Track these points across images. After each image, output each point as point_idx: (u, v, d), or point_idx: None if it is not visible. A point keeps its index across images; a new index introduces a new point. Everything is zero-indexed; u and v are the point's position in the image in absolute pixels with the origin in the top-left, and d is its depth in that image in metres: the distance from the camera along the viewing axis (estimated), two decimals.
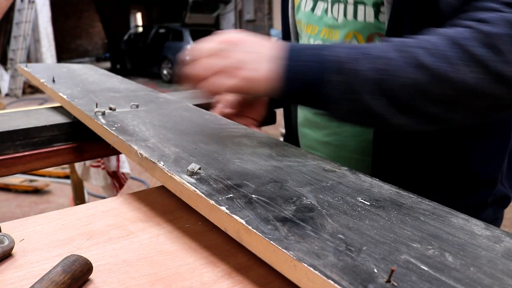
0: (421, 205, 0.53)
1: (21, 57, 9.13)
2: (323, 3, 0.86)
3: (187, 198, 0.59)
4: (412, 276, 0.39)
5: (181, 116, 0.92)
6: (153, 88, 1.30)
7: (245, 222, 0.48)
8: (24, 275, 0.51)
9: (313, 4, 0.89)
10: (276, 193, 0.55)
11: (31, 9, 9.24)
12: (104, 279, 0.50)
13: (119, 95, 1.11)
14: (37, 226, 0.62)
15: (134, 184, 3.76)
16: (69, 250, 0.56)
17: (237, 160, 0.66)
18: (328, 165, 0.66)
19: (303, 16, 0.92)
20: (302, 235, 0.45)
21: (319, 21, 0.87)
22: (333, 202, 0.53)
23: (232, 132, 0.81)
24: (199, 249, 0.57)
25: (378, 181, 0.60)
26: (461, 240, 0.45)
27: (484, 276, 0.39)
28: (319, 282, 0.39)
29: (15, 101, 8.51)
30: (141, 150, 0.69)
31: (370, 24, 0.78)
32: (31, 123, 1.06)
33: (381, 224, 0.48)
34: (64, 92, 1.11)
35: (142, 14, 18.81)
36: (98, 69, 1.62)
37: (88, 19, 18.74)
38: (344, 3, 0.80)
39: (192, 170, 0.60)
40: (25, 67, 1.51)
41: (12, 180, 3.74)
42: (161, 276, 0.51)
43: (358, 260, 0.41)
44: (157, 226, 0.63)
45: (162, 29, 11.79)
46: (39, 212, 3.24)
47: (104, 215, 0.66)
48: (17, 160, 1.00)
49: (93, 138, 1.00)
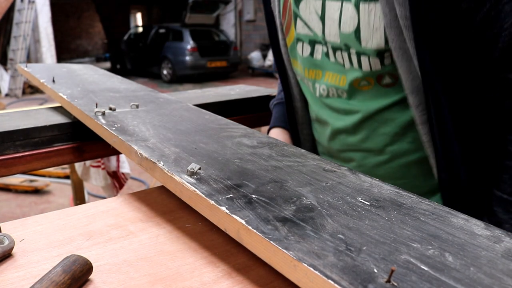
0: (421, 205, 0.53)
1: (21, 57, 9.13)
2: (321, 46, 0.84)
3: (187, 198, 0.59)
4: (412, 276, 0.39)
5: (181, 116, 0.92)
6: (153, 88, 1.30)
7: (245, 222, 0.48)
8: (24, 275, 0.51)
9: (311, 49, 0.86)
10: (276, 193, 0.55)
11: (31, 9, 9.24)
12: (104, 279, 0.50)
13: (119, 95, 1.11)
14: (37, 226, 0.62)
15: (134, 184, 3.76)
16: (69, 250, 0.56)
17: (237, 160, 0.66)
18: (328, 165, 0.66)
19: (302, 61, 0.90)
20: (302, 235, 0.45)
21: (322, 65, 0.85)
22: (333, 202, 0.53)
23: (232, 132, 0.81)
24: (199, 249, 0.57)
25: (378, 181, 0.60)
26: (461, 240, 0.45)
27: (484, 276, 0.39)
28: (319, 282, 0.39)
29: (15, 101, 8.51)
30: (141, 150, 0.69)
31: (378, 70, 0.77)
32: (31, 123, 1.06)
33: (381, 224, 0.48)
34: (64, 92, 1.11)
35: (142, 14, 18.81)
36: (98, 69, 1.62)
37: (88, 19, 18.74)
38: (347, 51, 0.78)
39: (192, 170, 0.60)
40: (25, 67, 1.51)
41: (12, 180, 3.74)
42: (161, 276, 0.51)
43: (358, 260, 0.41)
44: (157, 226, 0.63)
45: (162, 29, 11.79)
46: (39, 212, 3.24)
47: (104, 215, 0.66)
48: (17, 160, 1.00)
49: (93, 138, 1.01)
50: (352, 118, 0.84)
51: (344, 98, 0.84)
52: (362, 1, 0.71)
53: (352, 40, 0.75)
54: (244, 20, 12.89)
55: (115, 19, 14.10)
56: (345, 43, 0.77)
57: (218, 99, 1.37)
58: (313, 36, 0.84)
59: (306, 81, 0.92)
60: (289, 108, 1.02)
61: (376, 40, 0.73)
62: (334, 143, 0.91)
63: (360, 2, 0.71)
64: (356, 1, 0.72)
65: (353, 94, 0.83)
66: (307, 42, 0.87)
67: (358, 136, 0.85)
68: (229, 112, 1.34)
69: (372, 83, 0.79)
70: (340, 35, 0.77)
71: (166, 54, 10.83)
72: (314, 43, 0.85)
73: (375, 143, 0.84)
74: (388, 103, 0.80)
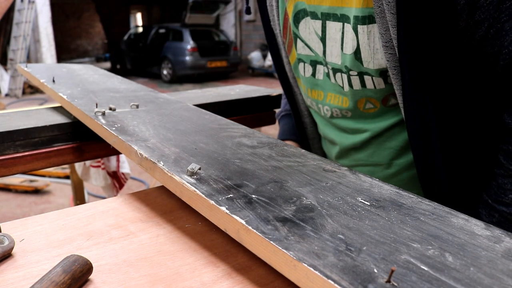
0: (421, 205, 0.53)
1: (21, 57, 9.13)
2: (322, 67, 0.83)
3: (187, 198, 0.59)
4: (412, 276, 0.39)
5: (181, 116, 0.92)
6: (153, 88, 1.30)
7: (245, 222, 0.48)
8: (24, 275, 0.51)
9: (313, 70, 0.86)
10: (276, 193, 0.55)
11: (31, 9, 9.24)
12: (104, 279, 0.50)
13: (119, 95, 1.11)
14: (37, 226, 0.62)
15: (134, 184, 3.76)
16: (69, 250, 0.56)
17: (237, 160, 0.66)
18: (328, 165, 0.66)
19: (305, 81, 0.89)
20: (302, 235, 0.45)
21: (323, 86, 0.85)
22: (333, 202, 0.53)
23: (232, 132, 0.81)
24: (199, 249, 0.57)
25: (378, 181, 0.60)
26: (461, 240, 0.45)
27: (484, 276, 0.39)
28: (319, 282, 0.39)
29: (15, 101, 8.51)
30: (141, 150, 0.69)
31: (382, 89, 0.76)
32: (31, 123, 1.06)
33: (381, 224, 0.48)
34: (64, 92, 1.11)
35: (142, 14, 18.81)
36: (98, 69, 1.62)
37: (88, 19, 18.74)
38: (346, 73, 0.78)
39: (192, 170, 0.60)
40: (25, 67, 1.51)
41: (12, 180, 3.74)
42: (161, 276, 0.51)
43: (358, 260, 0.41)
44: (157, 226, 0.63)
45: (162, 29, 11.79)
46: (39, 212, 3.24)
47: (104, 215, 0.66)
48: (17, 160, 1.00)
49: (93, 138, 1.01)
50: (360, 136, 0.84)
51: (349, 117, 0.84)
52: (359, 24, 0.71)
53: (353, 61, 0.75)
54: (244, 20, 12.89)
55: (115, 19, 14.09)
56: (346, 65, 0.76)
57: (218, 99, 1.37)
58: (314, 57, 0.84)
59: (310, 100, 0.91)
60: (298, 123, 1.01)
61: (377, 61, 0.73)
62: (342, 160, 0.91)
63: (358, 25, 0.71)
64: (353, 25, 0.72)
65: (359, 115, 0.83)
66: (308, 62, 0.86)
67: (366, 152, 0.86)
68: (229, 112, 1.34)
69: (378, 105, 0.79)
70: (342, 56, 0.76)
71: (166, 54, 10.83)
72: (315, 64, 0.85)
73: (381, 157, 0.84)
74: (395, 121, 0.80)
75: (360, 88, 0.78)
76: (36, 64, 1.68)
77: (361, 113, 0.82)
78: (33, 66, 1.57)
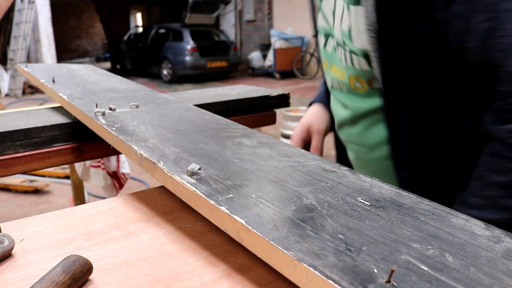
0: (421, 205, 0.53)
1: (21, 57, 9.13)
2: (333, 40, 0.89)
3: (187, 199, 0.59)
4: (412, 276, 0.39)
5: (181, 116, 0.92)
6: (153, 88, 1.30)
7: (245, 222, 0.48)
8: (24, 275, 0.51)
9: (325, 40, 0.92)
10: (276, 193, 0.55)
11: (31, 9, 9.24)
12: (104, 279, 0.50)
13: (119, 95, 1.11)
14: (37, 226, 0.62)
15: (134, 184, 3.76)
16: (69, 250, 0.56)
17: (237, 160, 0.66)
18: (328, 165, 0.66)
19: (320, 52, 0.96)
20: (302, 235, 0.45)
21: (330, 58, 0.91)
22: (333, 202, 0.53)
23: (232, 132, 0.81)
24: (199, 249, 0.57)
25: (378, 181, 0.60)
26: (461, 240, 0.45)
27: (484, 276, 0.39)
28: (319, 282, 0.39)
29: (15, 101, 8.51)
30: (141, 150, 0.69)
31: (367, 71, 0.80)
32: (31, 123, 1.06)
33: (381, 224, 0.48)
34: (64, 93, 1.11)
35: (142, 14, 18.81)
36: (98, 69, 1.62)
37: (88, 19, 18.74)
38: (343, 48, 0.83)
39: (192, 170, 0.60)
40: (25, 67, 1.51)
41: (12, 180, 3.74)
42: (161, 276, 0.51)
43: (358, 260, 0.41)
44: (157, 226, 0.63)
45: (162, 29, 11.79)
46: (39, 212, 3.23)
47: (104, 215, 0.66)
48: (17, 160, 1.00)
49: (93, 138, 1.01)
50: (348, 112, 0.89)
51: (344, 92, 0.89)
52: (351, 4, 0.76)
53: (347, 38, 0.80)
54: (244, 20, 12.89)
55: (115, 19, 14.10)
56: (344, 40, 0.81)
57: (218, 99, 1.37)
58: (328, 30, 0.90)
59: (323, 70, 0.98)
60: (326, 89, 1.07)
61: (361, 41, 0.77)
62: (340, 133, 0.96)
63: (350, 5, 0.77)
64: (347, 3, 0.77)
65: (351, 92, 0.87)
66: (322, 34, 0.93)
67: (355, 130, 0.89)
68: (229, 112, 1.34)
69: (365, 86, 0.83)
70: (341, 31, 0.82)
71: (166, 54, 10.83)
72: (328, 36, 0.91)
73: (367, 139, 0.87)
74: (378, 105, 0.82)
75: (351, 66, 0.82)
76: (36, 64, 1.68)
77: (352, 91, 0.86)
78: (33, 66, 1.57)
